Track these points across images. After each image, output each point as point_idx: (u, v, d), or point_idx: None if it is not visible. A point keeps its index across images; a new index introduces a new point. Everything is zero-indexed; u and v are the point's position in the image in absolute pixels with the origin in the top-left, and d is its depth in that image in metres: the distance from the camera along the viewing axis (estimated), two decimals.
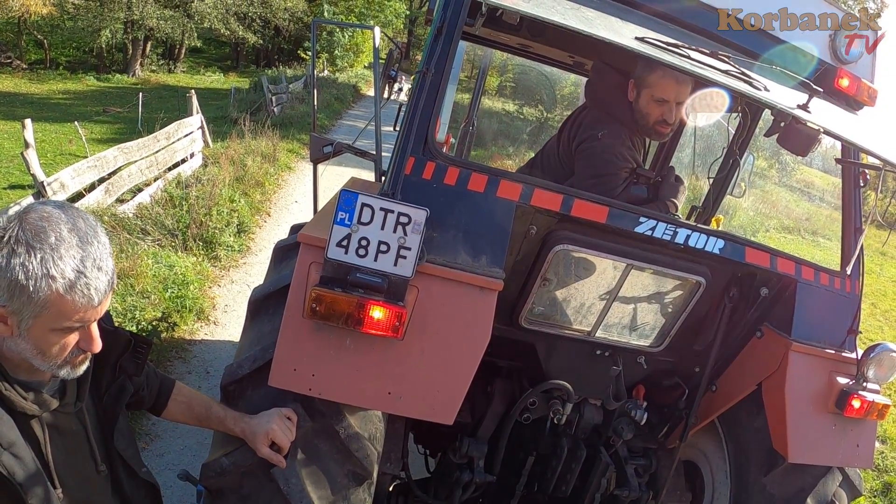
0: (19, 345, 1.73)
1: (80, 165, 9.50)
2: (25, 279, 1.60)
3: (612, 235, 2.85)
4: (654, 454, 3.75)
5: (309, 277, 2.36)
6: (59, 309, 1.66)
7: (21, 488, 1.74)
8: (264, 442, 2.45)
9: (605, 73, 3.53)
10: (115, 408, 2.14)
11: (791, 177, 32.74)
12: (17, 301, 1.63)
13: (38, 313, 1.66)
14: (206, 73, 43.24)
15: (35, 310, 1.65)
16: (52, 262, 1.62)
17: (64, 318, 1.68)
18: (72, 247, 1.65)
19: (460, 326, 2.45)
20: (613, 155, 3.26)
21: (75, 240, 1.67)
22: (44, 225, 1.65)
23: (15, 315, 1.66)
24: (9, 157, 16.86)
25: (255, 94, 26.47)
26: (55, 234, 1.64)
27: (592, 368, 3.38)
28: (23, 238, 1.62)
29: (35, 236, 1.62)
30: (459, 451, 3.41)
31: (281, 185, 14.65)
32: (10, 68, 34.21)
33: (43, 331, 1.69)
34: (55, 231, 1.65)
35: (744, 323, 3.27)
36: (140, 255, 8.14)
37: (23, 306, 1.64)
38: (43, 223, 1.65)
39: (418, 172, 2.55)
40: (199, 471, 3.91)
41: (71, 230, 1.67)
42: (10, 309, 1.65)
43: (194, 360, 7.04)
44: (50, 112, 24.13)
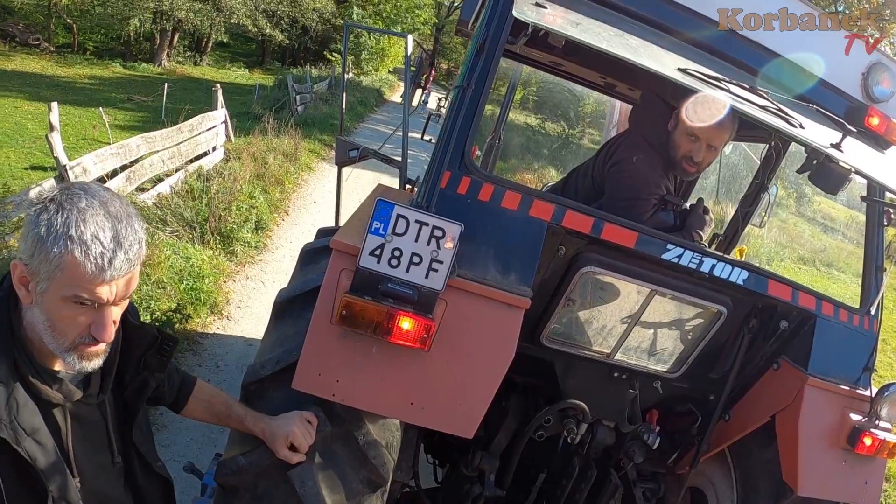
0: (35, 315, 1.74)
1: (103, 151, 9.56)
2: (46, 234, 1.63)
3: (638, 260, 2.86)
4: (663, 479, 3.75)
5: (339, 284, 2.37)
6: (71, 274, 1.65)
7: (42, 474, 1.75)
8: (284, 443, 2.46)
9: (650, 101, 3.55)
10: (136, 402, 2.15)
11: (809, 207, 32.60)
12: (36, 258, 1.65)
13: (52, 274, 1.66)
14: (231, 68, 43.35)
15: (50, 270, 1.66)
16: (75, 224, 1.63)
17: (75, 285, 1.67)
18: (98, 216, 1.67)
19: (486, 342, 2.46)
20: (645, 180, 3.27)
21: (104, 211, 1.69)
22: (80, 193, 1.69)
23: (34, 276, 1.68)
24: (32, 137, 16.93)
25: (279, 91, 26.52)
26: (87, 201, 1.67)
27: (609, 390, 3.39)
28: (57, 198, 1.67)
29: (68, 199, 1.66)
30: (471, 463, 3.42)
31: (301, 184, 14.70)
32: (38, 50, 34.38)
33: (54, 297, 1.69)
34: (88, 199, 1.68)
35: (761, 354, 3.27)
36: (158, 245, 8.18)
37: (40, 264, 1.66)
38: (80, 191, 1.69)
39: (453, 187, 2.57)
40: (204, 464, 3.94)
41: (103, 203, 1.70)
42: (31, 268, 1.68)
43: (205, 353, 7.08)
44: (75, 96, 24.22)
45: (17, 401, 1.74)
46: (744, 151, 5.35)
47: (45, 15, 36.45)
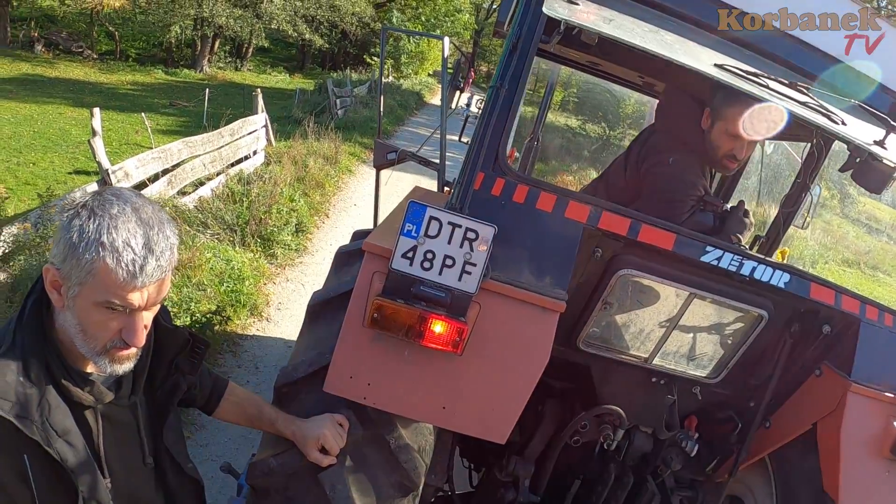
0: (67, 319, 1.76)
1: (145, 156, 9.70)
2: (78, 240, 1.64)
3: (677, 263, 2.80)
4: (701, 487, 3.68)
5: (371, 286, 2.35)
6: (103, 280, 1.67)
7: (73, 475, 1.77)
8: (315, 446, 2.46)
9: (677, 98, 3.49)
10: (167, 404, 2.16)
11: (853, 208, 32.02)
12: (68, 263, 1.67)
13: (83, 280, 1.68)
14: (271, 73, 43.82)
15: (81, 275, 1.67)
16: (107, 230, 1.65)
17: (106, 291, 1.69)
18: (130, 222, 1.68)
19: (520, 346, 2.42)
20: (682, 181, 3.22)
21: (135, 218, 1.70)
22: (113, 199, 1.70)
23: (66, 280, 1.70)
24: (75, 142, 17.28)
25: (319, 96, 26.71)
26: (119, 207, 1.69)
27: (646, 396, 3.33)
28: (90, 205, 1.69)
29: (101, 205, 1.68)
30: (506, 468, 3.38)
31: (341, 187, 14.79)
32: (80, 57, 35.03)
33: (86, 302, 1.71)
34: (120, 205, 1.69)
35: (803, 360, 3.19)
36: (199, 248, 8.27)
37: (71, 270, 1.67)
38: (113, 198, 1.71)
39: (487, 188, 2.53)
40: (241, 464, 3.95)
41: (136, 209, 1.71)
42: (63, 273, 1.69)
43: (245, 354, 7.15)
44: (117, 101, 24.65)
45: (48, 402, 1.75)
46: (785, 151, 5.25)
47: (88, 23, 37.19)
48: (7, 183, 12.49)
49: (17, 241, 6.34)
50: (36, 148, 16.59)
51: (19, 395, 1.70)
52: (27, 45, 34.16)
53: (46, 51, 33.98)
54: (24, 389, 1.71)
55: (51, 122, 19.92)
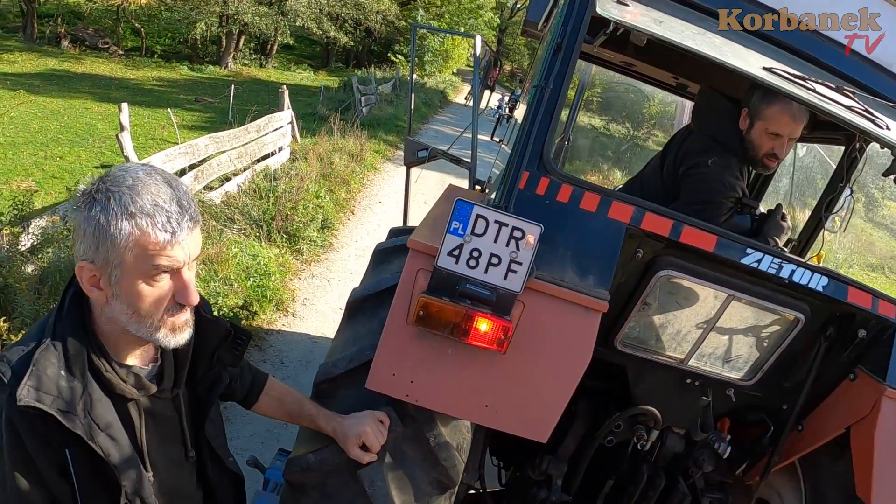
0: (115, 309, 1.74)
1: (172, 151, 9.77)
2: (106, 221, 1.62)
3: (716, 265, 2.79)
4: (731, 489, 3.66)
5: (416, 284, 2.35)
6: (143, 248, 1.65)
7: (115, 469, 1.77)
8: (355, 443, 2.46)
9: (713, 99, 3.47)
10: (208, 397, 2.15)
11: (878, 213, 31.75)
12: (102, 249, 1.65)
13: (123, 258, 1.66)
14: (296, 70, 44.01)
15: (120, 255, 1.65)
16: (131, 200, 1.63)
17: (149, 257, 1.67)
18: (148, 186, 1.67)
19: (562, 345, 2.42)
20: (722, 183, 3.20)
21: (152, 181, 1.68)
22: (122, 174, 1.68)
23: (104, 269, 1.68)
24: (101, 137, 17.44)
25: (344, 93, 26.83)
26: (132, 177, 1.67)
27: (681, 397, 3.32)
28: (102, 187, 1.66)
29: (113, 183, 1.66)
30: (539, 467, 3.38)
31: (366, 184, 14.85)
32: (107, 53, 35.44)
33: (132, 281, 1.69)
34: (132, 175, 1.67)
35: (838, 364, 3.16)
36: (225, 243, 8.32)
37: (108, 254, 1.65)
38: (121, 172, 1.69)
39: (532, 187, 2.53)
40: (267, 458, 3.98)
41: (148, 174, 1.70)
42: (99, 263, 1.67)
43: (270, 349, 7.18)
44: (143, 97, 24.85)
45: (91, 396, 1.75)
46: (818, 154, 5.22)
47: (114, 20, 37.60)
48: (34, 176, 12.62)
49: (46, 233, 6.39)
50: (63, 142, 16.76)
51: (61, 388, 1.70)
52: (54, 42, 34.60)
53: (73, 47, 34.38)
54: (67, 383, 1.71)
55: (77, 116, 20.11)
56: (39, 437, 1.68)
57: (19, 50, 31.47)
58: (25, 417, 1.65)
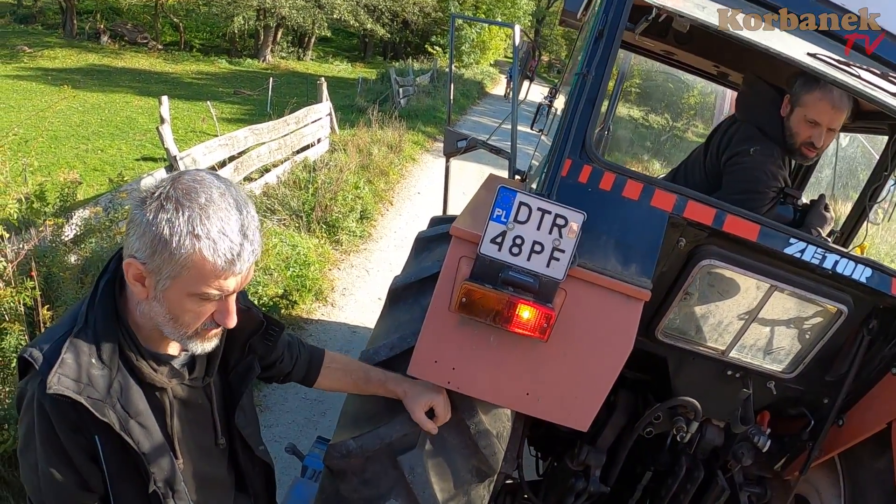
0: (153, 308, 1.73)
1: (212, 143, 9.83)
2: (170, 235, 1.59)
3: (758, 254, 2.77)
4: (769, 484, 3.63)
5: (459, 271, 2.35)
6: (199, 271, 1.63)
7: (145, 457, 1.78)
8: (424, 407, 2.47)
9: (758, 87, 3.43)
10: (240, 386, 2.15)
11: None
12: (158, 258, 1.62)
13: (178, 274, 1.64)
14: (333, 62, 44.24)
15: (175, 269, 1.63)
16: (199, 221, 1.60)
17: (202, 282, 1.65)
18: (220, 209, 1.63)
19: (604, 333, 2.41)
20: (764, 172, 3.17)
21: (224, 204, 1.65)
22: (196, 186, 1.64)
23: (154, 274, 1.66)
24: (142, 130, 17.72)
25: (381, 85, 26.89)
26: (206, 195, 1.63)
27: (721, 389, 3.29)
28: (173, 195, 1.61)
29: (186, 195, 1.61)
30: (577, 458, 3.38)
31: (405, 175, 14.91)
32: (146, 48, 35.96)
33: (179, 294, 1.68)
34: (206, 192, 1.64)
35: (880, 357, 3.11)
36: (266, 233, 8.40)
37: (163, 264, 1.63)
38: (195, 184, 1.65)
39: (574, 175, 2.52)
40: (305, 446, 4.00)
41: (222, 195, 1.66)
42: (150, 267, 1.65)
43: (310, 339, 7.24)
44: (182, 91, 25.16)
45: (121, 384, 1.76)
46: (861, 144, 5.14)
47: (152, 15, 38.21)
48: (76, 169, 12.80)
49: (88, 224, 6.47)
50: (104, 135, 17.05)
51: (92, 376, 1.70)
52: (94, 37, 35.22)
53: (112, 42, 34.95)
54: (97, 371, 1.72)
55: (118, 110, 20.44)
56: (70, 424, 1.70)
57: (60, 46, 32.03)
58: (56, 404, 1.67)
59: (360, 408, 2.82)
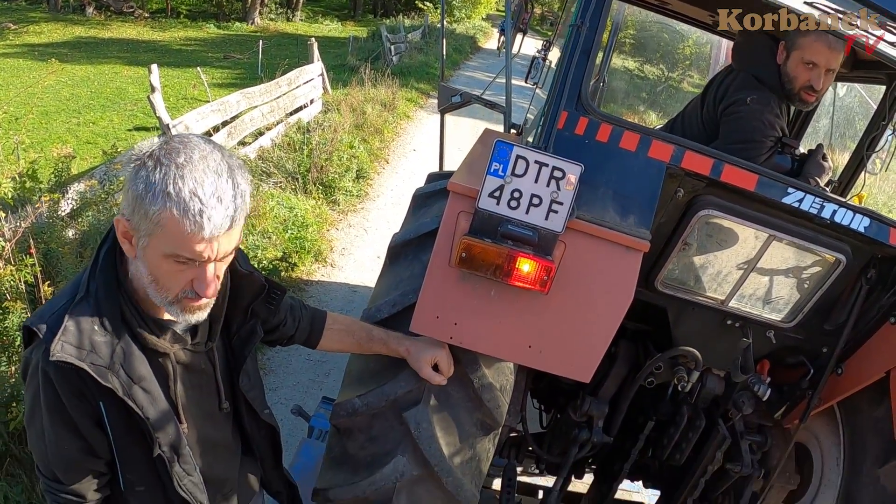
0: (139, 268, 1.73)
1: (204, 109, 9.78)
2: (144, 191, 1.58)
3: (757, 204, 2.76)
4: (769, 432, 3.66)
5: (458, 226, 2.34)
6: (171, 232, 1.61)
7: (149, 422, 1.79)
8: (429, 363, 2.50)
9: (753, 36, 3.41)
10: (243, 350, 2.15)
11: None
12: (136, 215, 1.62)
13: (152, 232, 1.62)
14: (323, 22, 43.65)
15: (149, 227, 1.62)
16: (172, 180, 1.57)
17: (174, 243, 1.63)
18: (196, 170, 1.60)
19: (604, 285, 2.41)
20: (761, 122, 3.15)
21: (202, 166, 1.61)
22: (179, 147, 1.63)
23: (135, 232, 1.66)
24: (133, 100, 17.55)
25: (373, 43, 26.60)
26: (185, 156, 1.61)
27: (721, 338, 3.31)
28: (156, 154, 1.61)
29: (167, 154, 1.60)
30: (580, 409, 3.41)
31: (399, 133, 14.86)
32: (132, 17, 35.44)
33: (156, 253, 1.66)
34: (187, 153, 1.61)
35: (878, 307, 3.11)
36: (262, 197, 8.40)
37: (140, 221, 1.62)
38: (179, 146, 1.63)
39: (571, 127, 2.51)
40: (311, 407, 4.03)
41: (204, 157, 1.63)
42: (132, 224, 1.65)
43: (310, 300, 7.28)
44: (171, 58, 24.85)
45: (124, 350, 1.76)
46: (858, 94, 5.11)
47: None
48: (69, 143, 12.70)
49: (84, 197, 6.47)
50: (94, 108, 16.89)
51: (95, 343, 1.71)
52: (79, 9, 34.73)
53: (98, 13, 34.47)
54: (100, 338, 1.73)
55: (107, 81, 20.24)
56: (74, 390, 1.71)
57: (45, 20, 31.55)
58: (60, 372, 1.68)
59: (363, 366, 2.84)
